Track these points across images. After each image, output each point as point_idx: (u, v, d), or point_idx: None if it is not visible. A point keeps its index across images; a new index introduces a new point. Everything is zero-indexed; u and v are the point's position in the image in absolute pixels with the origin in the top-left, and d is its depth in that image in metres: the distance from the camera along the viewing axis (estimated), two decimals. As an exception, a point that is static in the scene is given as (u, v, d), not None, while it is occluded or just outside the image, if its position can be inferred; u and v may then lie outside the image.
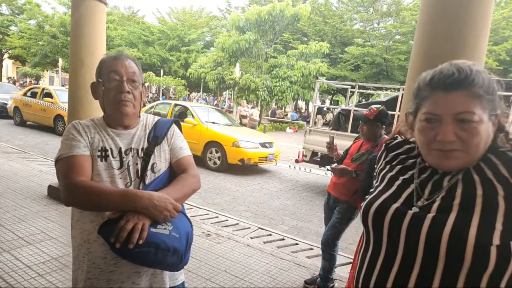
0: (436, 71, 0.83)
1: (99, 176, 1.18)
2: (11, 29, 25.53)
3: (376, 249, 0.88)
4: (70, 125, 1.25)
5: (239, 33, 17.80)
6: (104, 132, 1.25)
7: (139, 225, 1.02)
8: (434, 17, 1.87)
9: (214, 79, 17.98)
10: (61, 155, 1.17)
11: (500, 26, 18.10)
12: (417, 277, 0.78)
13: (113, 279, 1.16)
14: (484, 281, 0.73)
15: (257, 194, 6.04)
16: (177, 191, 1.18)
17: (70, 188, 1.10)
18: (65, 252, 2.99)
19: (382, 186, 0.93)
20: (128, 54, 1.29)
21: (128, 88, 1.20)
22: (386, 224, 0.85)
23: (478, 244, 0.71)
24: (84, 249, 1.18)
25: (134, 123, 1.30)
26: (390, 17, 22.60)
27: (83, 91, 4.22)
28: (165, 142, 1.31)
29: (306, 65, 16.91)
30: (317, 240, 3.71)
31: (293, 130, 19.74)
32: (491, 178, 0.79)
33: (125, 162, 1.22)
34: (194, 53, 28.78)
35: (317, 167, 7.96)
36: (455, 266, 0.74)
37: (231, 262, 3.14)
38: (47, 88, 11.40)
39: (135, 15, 34.70)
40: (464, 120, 0.77)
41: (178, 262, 1.09)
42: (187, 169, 1.29)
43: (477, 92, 0.78)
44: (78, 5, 4.15)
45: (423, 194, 0.84)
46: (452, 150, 0.78)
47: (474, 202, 0.77)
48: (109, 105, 1.23)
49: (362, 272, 0.91)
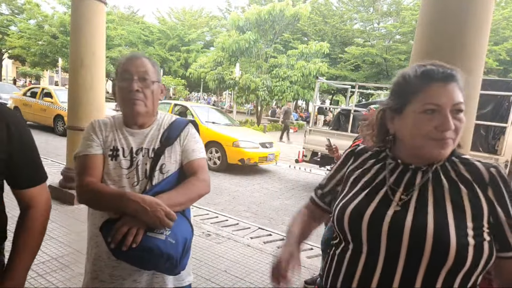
0: (427, 66, 0.85)
1: (108, 175, 1.22)
2: (10, 28, 25.52)
3: (356, 251, 0.88)
4: (90, 123, 1.30)
5: (239, 33, 17.79)
6: (119, 131, 1.27)
7: (133, 229, 1.02)
8: (435, 17, 1.87)
9: (214, 79, 17.99)
10: (78, 152, 1.24)
11: (500, 26, 18.11)
12: (401, 276, 0.80)
13: (115, 275, 1.20)
14: (458, 280, 0.78)
15: (257, 194, 6.04)
16: (181, 194, 1.17)
17: (79, 189, 1.18)
18: (65, 252, 2.99)
19: (355, 190, 0.93)
20: (143, 54, 1.30)
21: (138, 86, 1.21)
22: (364, 226, 0.85)
23: (460, 247, 0.75)
24: (93, 242, 1.25)
25: (149, 122, 1.30)
26: (390, 17, 22.60)
27: (83, 91, 4.22)
28: (177, 143, 1.29)
29: (306, 65, 16.90)
30: (317, 240, 3.70)
31: (293, 130, 19.74)
32: (455, 179, 0.84)
33: (135, 162, 1.23)
34: (194, 53, 28.76)
35: (317, 167, 7.96)
36: (438, 265, 0.77)
37: (231, 262, 3.14)
38: (47, 88, 11.40)
39: (135, 15, 34.68)
40: (459, 110, 0.82)
41: (172, 267, 1.09)
42: (197, 172, 1.25)
43: (461, 86, 0.83)
44: (78, 5, 4.14)
45: (397, 193, 0.87)
46: (448, 138, 0.81)
47: (445, 203, 0.81)
48: (121, 104, 1.26)
49: (341, 274, 0.90)
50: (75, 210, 4.03)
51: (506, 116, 4.72)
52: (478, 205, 0.80)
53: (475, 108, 1.92)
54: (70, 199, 4.15)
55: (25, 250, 1.06)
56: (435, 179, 0.86)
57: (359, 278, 0.85)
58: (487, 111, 4.84)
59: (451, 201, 0.81)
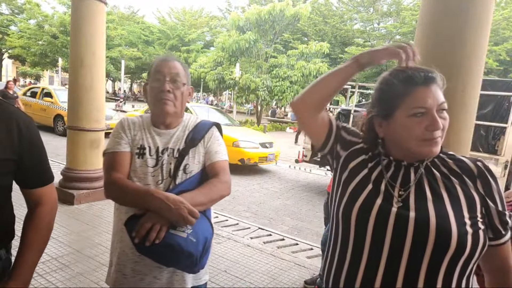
0: (408, 71, 0.88)
1: (135, 172, 1.26)
2: (11, 28, 25.53)
3: (357, 249, 0.89)
4: (119, 121, 1.35)
5: (239, 33, 17.80)
6: (146, 131, 1.32)
7: (157, 225, 1.06)
8: (435, 17, 1.87)
9: (214, 79, 17.99)
10: (107, 149, 1.29)
11: (501, 26, 18.11)
12: (405, 270, 0.83)
13: (137, 270, 1.24)
14: (458, 268, 0.82)
15: (257, 194, 6.04)
16: (203, 194, 1.21)
17: (107, 184, 1.23)
18: (65, 252, 2.99)
19: (355, 185, 0.94)
20: (176, 57, 1.36)
21: (169, 87, 1.26)
22: (371, 222, 0.87)
23: (460, 234, 0.80)
24: (118, 236, 1.28)
25: (176, 122, 1.35)
26: (390, 17, 22.62)
27: (83, 91, 4.22)
28: (201, 145, 1.33)
29: (306, 65, 16.91)
30: (317, 240, 3.71)
31: (293, 130, 19.73)
32: (447, 173, 0.90)
33: (160, 161, 1.27)
34: (194, 53, 28.78)
35: (317, 167, 7.96)
36: (441, 254, 0.81)
37: (231, 262, 3.14)
38: (47, 88, 11.41)
39: (135, 15, 34.71)
40: (443, 109, 0.87)
41: (192, 265, 1.12)
42: (219, 174, 1.30)
43: (441, 86, 0.88)
44: (78, 5, 4.14)
45: (395, 189, 0.90)
46: (438, 137, 0.85)
47: (442, 195, 0.86)
48: (152, 103, 1.30)
49: (343, 272, 0.91)
50: (75, 210, 4.03)
51: (506, 116, 4.72)
52: (471, 196, 0.86)
53: (475, 108, 1.92)
54: (70, 199, 4.16)
55: (32, 246, 1.08)
56: (428, 173, 0.90)
57: (362, 278, 0.87)
58: (487, 111, 4.84)
59: (447, 193, 0.86)
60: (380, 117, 0.93)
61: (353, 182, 0.95)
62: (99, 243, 3.21)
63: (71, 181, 4.29)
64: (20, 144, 1.00)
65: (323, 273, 1.01)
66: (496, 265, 0.91)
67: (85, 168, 4.34)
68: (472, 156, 0.95)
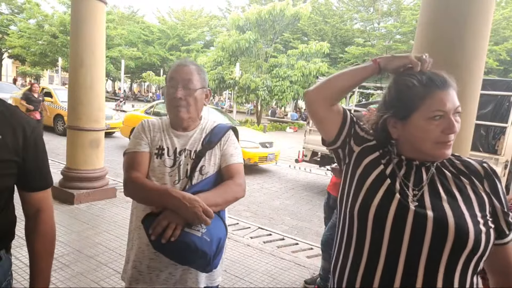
0: (428, 74, 0.90)
1: (153, 171, 1.31)
2: (10, 28, 25.52)
3: (374, 247, 0.88)
4: (140, 123, 1.40)
5: (239, 33, 17.79)
6: (165, 132, 1.37)
7: (173, 223, 1.10)
8: (435, 17, 1.86)
9: (214, 78, 17.96)
10: (128, 149, 1.35)
11: (501, 26, 18.11)
12: (424, 272, 0.83)
13: (152, 266, 1.29)
14: (472, 264, 0.84)
15: (257, 194, 6.04)
16: (218, 195, 1.23)
17: (126, 182, 1.27)
18: (65, 252, 2.99)
19: (369, 184, 0.93)
20: (191, 61, 1.39)
21: (181, 94, 1.30)
22: (389, 221, 0.86)
23: (476, 233, 0.82)
24: (136, 233, 1.33)
25: (193, 125, 1.39)
26: (390, 16, 22.60)
27: (83, 90, 4.22)
28: (217, 147, 1.37)
29: (306, 65, 16.90)
30: (317, 240, 3.71)
31: (293, 129, 19.74)
32: (456, 173, 0.92)
33: (178, 162, 1.32)
34: (194, 52, 28.77)
35: (317, 167, 7.96)
36: (459, 253, 0.82)
37: (231, 262, 3.14)
38: (46, 88, 11.39)
39: (135, 15, 34.69)
40: (458, 113, 0.88)
41: (205, 264, 1.15)
42: (234, 176, 1.33)
43: (456, 89, 0.89)
44: (78, 4, 4.14)
45: (409, 186, 0.91)
46: (452, 140, 0.87)
47: (455, 194, 0.88)
48: (168, 108, 1.37)
49: (360, 271, 0.90)
50: (75, 210, 4.03)
51: (506, 116, 4.73)
52: (480, 196, 0.88)
53: (475, 108, 1.91)
54: (70, 199, 4.16)
55: (47, 254, 1.14)
56: (439, 173, 0.92)
57: (381, 275, 0.86)
58: (487, 111, 4.84)
59: (459, 192, 0.88)
60: (395, 118, 0.93)
61: (369, 178, 0.94)
62: (99, 243, 3.20)
63: (71, 181, 4.29)
64: (25, 147, 1.01)
65: (332, 272, 1.00)
66: (499, 265, 0.93)
67: (85, 168, 4.35)
68: (472, 156, 0.96)
